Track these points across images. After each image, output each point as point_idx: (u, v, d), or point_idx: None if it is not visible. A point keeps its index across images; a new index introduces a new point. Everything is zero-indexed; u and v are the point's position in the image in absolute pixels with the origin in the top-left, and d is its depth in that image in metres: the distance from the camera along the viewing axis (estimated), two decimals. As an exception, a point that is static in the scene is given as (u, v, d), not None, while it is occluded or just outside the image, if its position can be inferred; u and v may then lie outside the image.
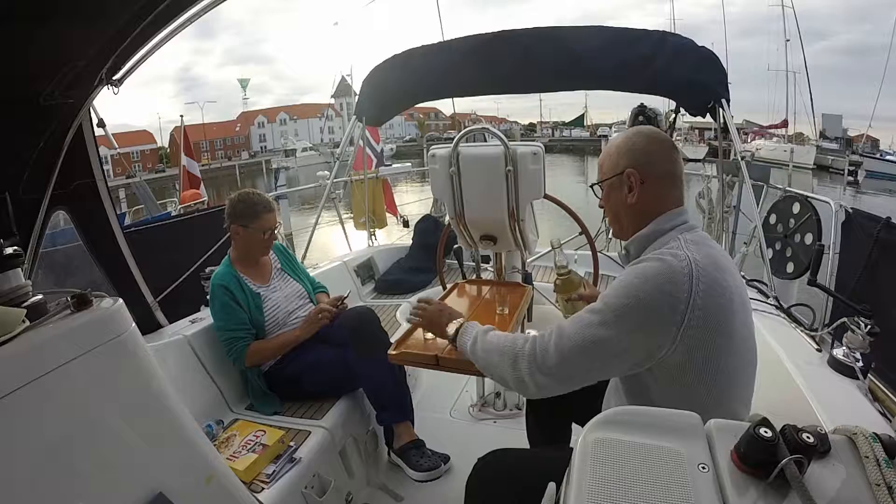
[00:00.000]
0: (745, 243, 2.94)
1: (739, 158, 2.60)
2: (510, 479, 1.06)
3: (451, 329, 1.22)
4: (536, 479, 0.81)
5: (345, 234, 3.77)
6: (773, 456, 0.49)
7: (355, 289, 3.02)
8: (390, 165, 6.72)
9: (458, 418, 2.20)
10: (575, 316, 0.97)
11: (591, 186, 1.13)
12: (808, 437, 0.50)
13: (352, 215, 4.45)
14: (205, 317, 1.97)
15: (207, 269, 2.11)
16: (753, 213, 2.65)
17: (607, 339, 0.89)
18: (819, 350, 1.54)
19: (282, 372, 1.84)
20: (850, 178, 18.93)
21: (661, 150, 1.02)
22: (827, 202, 2.31)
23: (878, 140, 29.57)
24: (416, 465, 1.70)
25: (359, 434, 1.86)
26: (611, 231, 3.68)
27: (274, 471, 1.45)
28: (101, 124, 1.60)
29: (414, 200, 6.21)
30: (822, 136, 28.96)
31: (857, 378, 1.33)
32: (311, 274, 2.23)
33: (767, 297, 2.01)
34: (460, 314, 1.28)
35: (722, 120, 2.46)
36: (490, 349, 1.08)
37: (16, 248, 0.92)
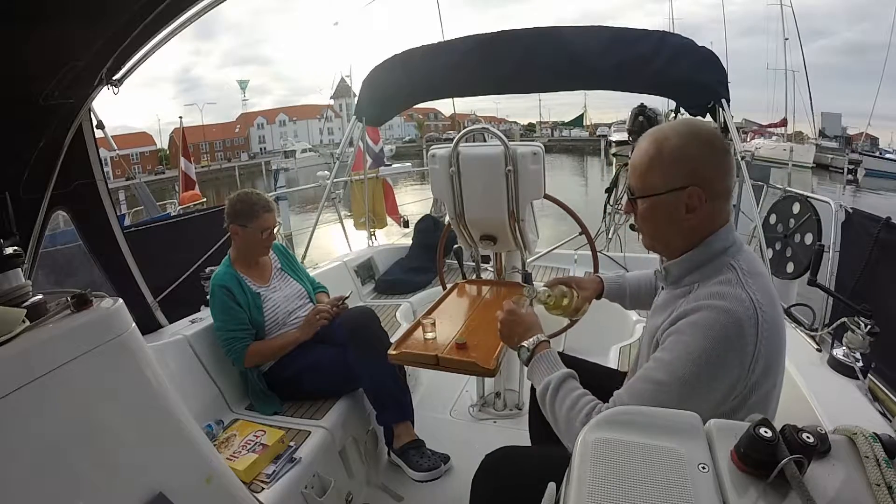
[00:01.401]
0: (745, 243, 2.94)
1: (739, 158, 2.60)
2: (517, 477, 1.05)
3: (525, 345, 1.06)
4: (544, 477, 0.81)
5: (345, 234, 3.77)
6: (773, 456, 0.49)
7: (355, 289, 3.03)
8: (390, 165, 6.71)
9: (458, 418, 2.20)
10: (637, 391, 0.86)
11: (632, 199, 0.95)
12: (808, 437, 0.50)
13: (352, 215, 4.45)
14: (205, 317, 1.97)
15: (207, 269, 2.11)
16: (753, 213, 2.65)
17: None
18: (819, 350, 1.54)
19: (282, 372, 1.84)
20: (850, 177, 18.92)
21: (725, 160, 0.88)
22: (827, 202, 2.31)
23: (878, 138, 29.59)
24: (416, 465, 1.70)
25: (359, 434, 1.86)
26: (611, 230, 3.70)
27: (274, 471, 1.45)
28: (101, 126, 1.60)
29: (414, 200, 6.21)
30: (822, 134, 28.95)
31: (857, 378, 1.33)
32: (311, 274, 2.24)
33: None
34: (537, 325, 1.10)
35: (722, 119, 2.46)
36: (557, 413, 0.94)
37: (16, 248, 0.92)
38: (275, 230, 1.92)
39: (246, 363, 1.81)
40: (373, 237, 4.00)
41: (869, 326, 1.35)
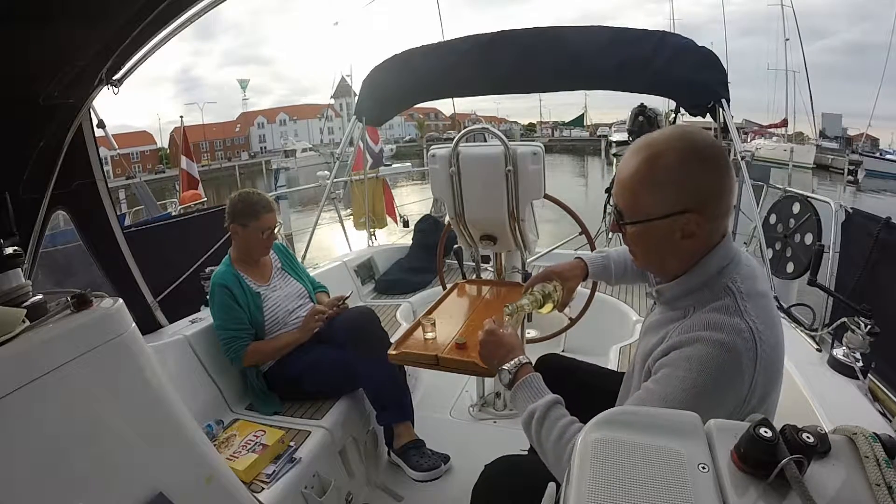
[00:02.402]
0: (745, 243, 2.95)
1: (739, 158, 2.60)
2: (517, 487, 1.02)
3: (506, 368, 0.99)
4: (543, 484, 0.79)
5: (345, 234, 3.77)
6: (773, 456, 0.48)
7: (355, 289, 3.03)
8: (390, 165, 6.71)
9: (458, 418, 2.20)
10: None
11: (621, 224, 0.86)
12: (808, 437, 0.50)
13: (352, 215, 4.46)
14: (205, 317, 1.97)
15: (207, 269, 2.11)
16: (753, 213, 2.65)
17: None
18: (819, 350, 1.54)
19: (281, 372, 1.84)
20: (850, 178, 18.93)
21: (727, 179, 0.80)
22: (827, 202, 2.31)
23: (878, 139, 29.61)
24: (415, 464, 1.70)
25: (359, 434, 1.86)
26: (611, 231, 3.70)
27: (274, 471, 1.45)
28: (101, 125, 1.60)
29: (414, 200, 6.21)
30: (822, 135, 28.94)
31: (857, 378, 1.33)
32: (311, 274, 2.24)
33: (767, 297, 2.01)
34: (518, 347, 1.04)
35: (722, 120, 2.46)
36: (544, 444, 0.86)
37: (16, 248, 0.92)
38: (275, 230, 1.92)
39: (244, 363, 1.81)
40: (373, 237, 4.00)
41: (869, 326, 1.35)
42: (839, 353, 1.41)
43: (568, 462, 0.77)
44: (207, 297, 2.04)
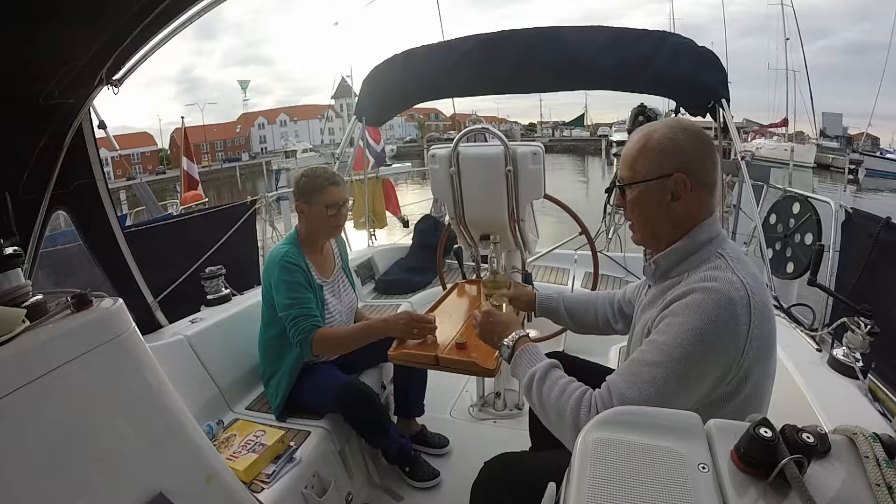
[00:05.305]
0: (745, 243, 2.94)
1: (739, 158, 2.60)
2: (517, 484, 1.04)
3: (505, 342, 1.07)
4: (543, 483, 0.80)
5: (345, 233, 3.77)
6: (773, 456, 0.49)
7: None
8: (390, 165, 6.71)
9: (458, 418, 2.20)
10: (631, 374, 0.85)
11: (621, 187, 0.98)
12: (808, 437, 0.50)
13: (352, 215, 4.46)
14: (205, 317, 1.97)
15: (207, 269, 2.10)
16: (753, 213, 2.65)
17: (673, 393, 0.81)
18: (819, 350, 1.54)
19: (315, 397, 1.73)
20: (851, 177, 18.94)
21: (710, 153, 0.92)
22: (827, 202, 2.31)
23: (879, 138, 29.61)
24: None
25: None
26: (611, 230, 3.71)
27: (274, 471, 1.45)
28: (102, 125, 1.60)
29: (414, 201, 6.21)
30: (823, 134, 28.95)
31: (857, 378, 1.33)
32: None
33: (767, 297, 2.01)
34: (515, 322, 1.12)
35: (722, 119, 2.46)
36: (546, 401, 0.93)
37: (16, 248, 0.92)
38: (344, 207, 1.75)
39: (314, 348, 1.59)
40: (373, 237, 4.00)
41: (869, 326, 1.35)
42: (839, 352, 1.41)
43: (571, 417, 0.86)
44: (208, 297, 2.04)
